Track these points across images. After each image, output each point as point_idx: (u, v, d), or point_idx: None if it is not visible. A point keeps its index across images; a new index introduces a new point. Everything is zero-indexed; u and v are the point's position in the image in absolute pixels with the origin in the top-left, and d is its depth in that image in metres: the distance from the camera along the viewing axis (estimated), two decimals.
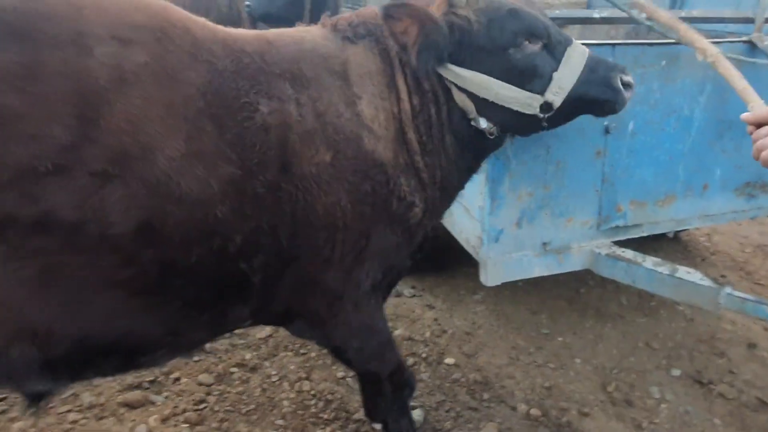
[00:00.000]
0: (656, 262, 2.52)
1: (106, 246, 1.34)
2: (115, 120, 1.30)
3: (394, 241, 1.81)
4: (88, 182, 1.28)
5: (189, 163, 1.39)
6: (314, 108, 1.58)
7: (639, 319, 3.35)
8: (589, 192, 2.53)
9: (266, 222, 1.54)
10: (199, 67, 1.45)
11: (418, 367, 2.89)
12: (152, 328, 1.56)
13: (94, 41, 1.31)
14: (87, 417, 2.47)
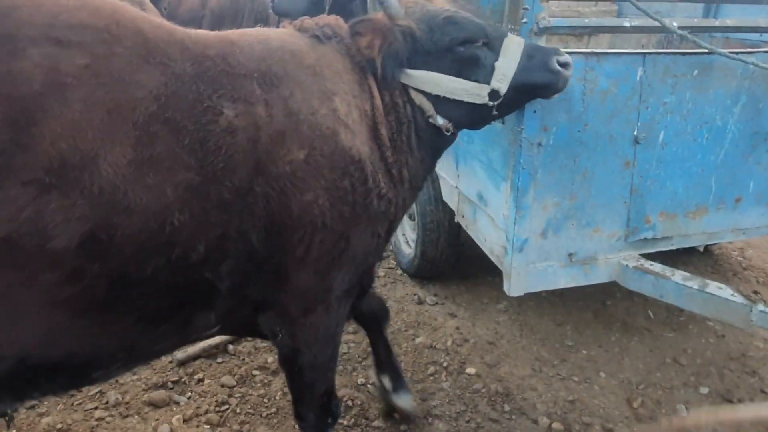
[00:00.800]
0: (686, 276, 2.46)
1: (45, 261, 1.26)
2: (50, 126, 1.22)
3: (374, 242, 1.81)
4: (20, 192, 1.20)
5: (138, 170, 1.32)
6: (285, 106, 1.56)
7: (667, 334, 3.27)
8: (617, 203, 2.49)
9: (235, 228, 1.49)
10: (151, 69, 1.38)
11: (438, 376, 2.87)
12: (103, 344, 1.48)
13: (27, 42, 1.23)
14: (112, 415, 2.52)
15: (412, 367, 2.93)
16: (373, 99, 1.77)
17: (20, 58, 1.21)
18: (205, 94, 1.44)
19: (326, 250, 1.67)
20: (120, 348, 1.53)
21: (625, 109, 2.35)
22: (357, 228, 1.71)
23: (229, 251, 1.51)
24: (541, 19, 2.15)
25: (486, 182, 2.66)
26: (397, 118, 1.82)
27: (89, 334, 1.43)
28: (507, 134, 2.39)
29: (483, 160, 2.67)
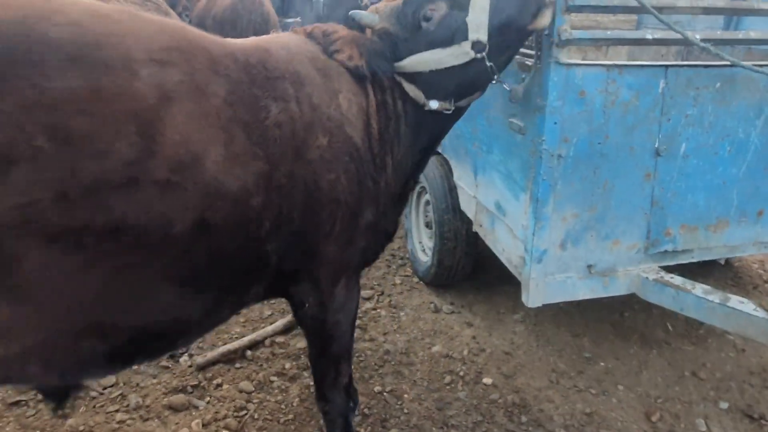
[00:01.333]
0: (706, 289, 2.44)
1: (166, 244, 1.47)
2: (168, 134, 1.42)
3: (371, 221, 2.02)
4: (153, 191, 1.40)
5: (228, 164, 1.55)
6: (310, 102, 1.79)
7: (686, 347, 3.24)
8: (638, 215, 2.48)
9: (285, 207, 1.73)
10: (220, 80, 1.59)
11: (455, 386, 2.87)
12: (194, 311, 1.70)
13: (138, 65, 1.40)
14: (133, 418, 2.56)
15: (428, 375, 2.93)
16: (368, 98, 1.98)
17: (136, 79, 1.38)
18: (259, 96, 1.67)
19: (345, 225, 1.90)
20: (203, 314, 1.74)
21: (647, 120, 2.35)
22: (361, 205, 1.95)
23: (281, 228, 1.74)
24: (563, 31, 2.16)
25: (505, 192, 2.67)
26: (386, 114, 2.02)
27: (187, 303, 1.65)
28: (527, 145, 2.40)
29: (502, 171, 2.68)
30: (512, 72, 2.50)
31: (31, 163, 1.23)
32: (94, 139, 1.31)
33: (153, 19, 1.56)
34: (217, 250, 1.59)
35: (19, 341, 1.39)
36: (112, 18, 1.43)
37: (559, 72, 2.20)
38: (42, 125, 1.24)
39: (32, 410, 2.58)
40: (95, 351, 1.53)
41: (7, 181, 1.22)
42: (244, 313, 3.42)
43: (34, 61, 1.25)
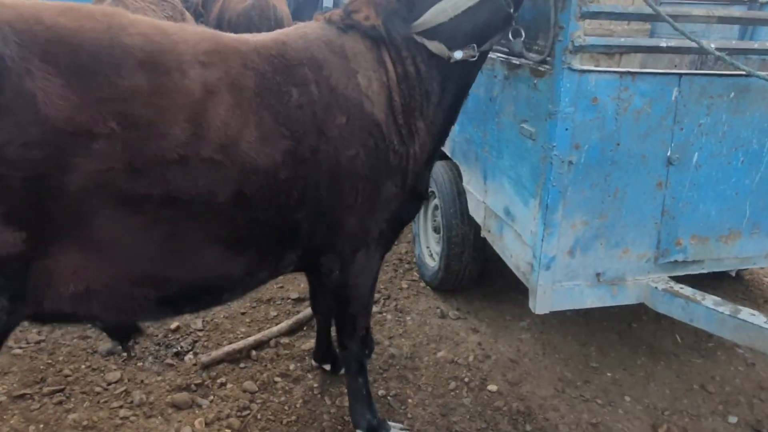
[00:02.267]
0: (717, 301, 2.40)
1: (211, 212, 1.76)
2: (212, 121, 1.71)
3: (394, 191, 2.18)
4: (201, 167, 1.70)
5: (260, 144, 1.81)
6: (328, 84, 1.98)
7: (694, 360, 3.20)
8: (648, 224, 2.46)
9: (311, 179, 1.95)
10: (250, 74, 1.85)
11: (459, 392, 2.85)
12: (236, 270, 1.97)
13: (187, 66, 1.70)
14: (137, 414, 2.56)
15: (433, 381, 2.92)
16: (388, 72, 2.10)
17: (187, 78, 1.68)
18: (281, 83, 1.89)
19: (366, 197, 2.08)
20: (245, 273, 2.00)
21: (659, 129, 2.33)
22: (381, 177, 2.11)
23: (308, 199, 1.96)
24: (576, 38, 2.15)
25: (514, 198, 2.65)
26: (408, 85, 2.13)
27: (229, 262, 1.92)
28: (537, 151, 2.39)
29: (512, 176, 2.67)
30: (524, 78, 2.49)
31: (107, 139, 1.54)
32: (155, 125, 1.61)
33: (196, 30, 1.87)
34: (253, 218, 1.86)
35: (84, 282, 1.67)
36: (167, 30, 1.74)
37: (572, 78, 2.18)
38: (115, 112, 1.55)
39: (37, 404, 2.59)
40: (148, 298, 1.81)
41: (90, 152, 1.52)
42: (250, 313, 3.43)
43: (113, 63, 1.56)
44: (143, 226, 1.68)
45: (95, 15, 1.62)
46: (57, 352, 2.95)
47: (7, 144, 1.41)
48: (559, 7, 2.17)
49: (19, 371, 2.79)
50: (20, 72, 1.42)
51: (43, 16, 1.52)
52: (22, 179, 1.45)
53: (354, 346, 2.42)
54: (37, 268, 1.57)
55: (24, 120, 1.43)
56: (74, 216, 1.56)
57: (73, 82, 1.50)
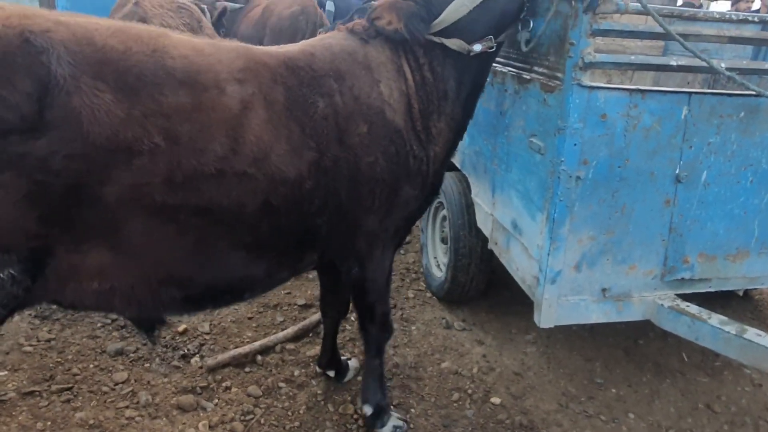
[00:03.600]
0: (723, 320, 2.39)
1: (238, 221, 1.85)
2: (247, 136, 1.80)
3: (413, 193, 2.28)
4: (235, 180, 1.79)
5: (289, 156, 1.89)
6: (352, 94, 2.06)
7: (700, 379, 3.18)
8: (655, 241, 2.46)
9: (333, 186, 2.03)
10: (279, 88, 1.93)
11: (463, 403, 2.85)
12: (258, 272, 2.07)
13: (225, 83, 1.79)
14: (142, 415, 2.59)
15: (436, 392, 2.92)
16: (407, 81, 2.20)
17: (224, 94, 1.78)
18: (308, 94, 1.97)
19: (384, 200, 2.17)
20: (265, 275, 2.11)
21: (668, 147, 2.34)
22: (400, 181, 2.20)
23: (329, 204, 2.05)
24: (586, 55, 2.17)
25: (521, 211, 2.67)
26: (426, 91, 2.24)
27: (251, 265, 2.02)
28: (545, 165, 2.40)
29: (520, 190, 2.69)
30: (534, 92, 2.51)
31: (150, 154, 1.63)
32: (195, 140, 1.71)
33: (231, 47, 1.95)
34: (277, 225, 1.95)
35: (110, 281, 1.76)
36: (205, 51, 1.84)
37: (581, 94, 2.21)
38: (160, 128, 1.64)
39: (45, 401, 2.63)
40: (173, 297, 1.91)
41: (131, 166, 1.61)
42: (256, 318, 3.45)
43: (157, 83, 1.66)
44: (173, 234, 1.77)
45: (143, 37, 1.72)
46: (66, 351, 2.99)
47: (52, 155, 1.51)
48: (571, 24, 2.20)
49: (29, 368, 2.84)
50: (70, 90, 1.52)
51: (95, 38, 1.62)
52: (62, 187, 1.55)
53: (374, 330, 2.52)
54: (65, 261, 1.67)
55: (69, 134, 1.52)
56: (108, 222, 1.65)
57: (121, 100, 1.59)
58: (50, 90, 1.49)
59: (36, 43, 1.51)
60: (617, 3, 2.16)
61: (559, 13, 2.28)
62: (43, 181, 1.52)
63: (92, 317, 3.28)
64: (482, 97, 3.09)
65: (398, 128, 2.16)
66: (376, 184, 2.12)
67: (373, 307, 2.48)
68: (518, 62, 2.68)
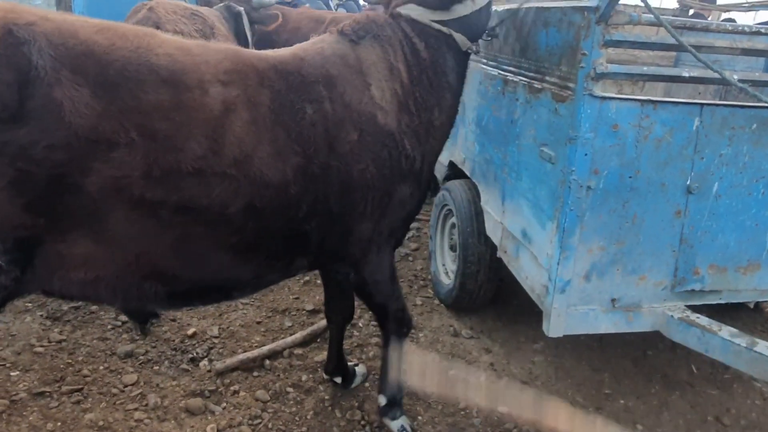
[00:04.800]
0: (734, 332, 2.38)
1: (222, 220, 1.86)
2: (228, 137, 1.81)
3: (408, 192, 2.29)
4: (214, 180, 1.79)
5: (273, 160, 1.89)
6: (342, 101, 2.06)
7: (710, 391, 3.15)
8: (666, 252, 2.45)
9: (321, 193, 2.03)
10: (265, 91, 1.93)
11: (470, 411, 2.85)
12: (245, 273, 2.09)
13: (209, 84, 1.80)
14: (150, 417, 2.61)
15: (443, 400, 2.92)
16: (401, 79, 2.21)
17: (207, 95, 1.78)
18: (296, 100, 1.97)
19: (377, 205, 2.17)
20: (253, 276, 2.13)
21: (680, 158, 2.34)
22: (393, 185, 2.20)
23: (318, 210, 2.05)
24: (598, 65, 2.18)
25: (531, 220, 2.67)
26: (425, 86, 2.26)
27: (238, 266, 2.03)
28: (557, 174, 2.41)
29: (530, 198, 2.69)
30: (546, 102, 2.52)
31: (127, 148, 1.65)
32: (173, 138, 1.72)
33: (219, 49, 1.96)
34: (263, 228, 1.95)
35: (95, 270, 1.79)
36: (192, 51, 1.85)
37: (593, 104, 2.21)
38: (136, 124, 1.66)
39: (55, 402, 2.65)
40: (157, 291, 1.91)
41: (109, 158, 1.64)
42: (265, 322, 3.47)
43: (139, 79, 1.68)
44: (155, 229, 1.79)
45: (128, 35, 1.74)
46: (77, 352, 3.02)
47: (33, 144, 1.54)
48: (583, 34, 2.21)
49: (40, 369, 2.86)
50: (51, 81, 1.55)
51: (79, 32, 1.65)
52: (45, 176, 1.58)
53: (390, 325, 2.54)
54: (52, 251, 1.70)
55: (50, 124, 1.55)
56: (91, 212, 1.68)
57: (100, 94, 1.62)
58: (31, 81, 1.53)
59: (18, 34, 1.54)
60: (630, 14, 2.17)
61: (572, 23, 2.30)
62: (26, 169, 1.55)
63: (102, 319, 3.32)
64: (493, 105, 3.11)
65: (390, 131, 2.16)
66: (369, 190, 2.13)
67: (385, 306, 2.49)
68: (529, 71, 2.69)
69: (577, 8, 2.26)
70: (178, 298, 2.05)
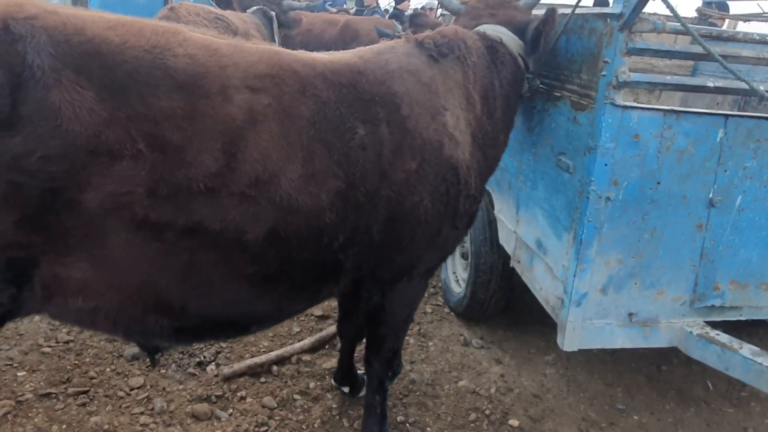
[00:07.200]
0: (755, 351, 2.31)
1: (238, 248, 1.63)
2: (249, 152, 1.59)
3: (456, 234, 2.15)
4: (230, 201, 1.57)
5: (305, 182, 1.68)
6: (403, 126, 1.86)
7: (726, 409, 3.07)
8: (686, 266, 2.39)
9: (363, 223, 1.83)
10: (307, 101, 1.71)
11: (480, 424, 2.79)
12: (264, 306, 1.86)
13: (234, 91, 1.59)
14: (156, 422, 2.57)
15: (453, 410, 2.86)
16: (476, 111, 2.08)
17: (229, 103, 1.57)
18: (345, 116, 1.77)
19: (424, 240, 2.00)
20: (274, 309, 1.92)
21: (702, 170, 2.28)
22: (446, 223, 2.04)
23: (356, 240, 1.85)
24: (621, 73, 2.13)
25: (547, 230, 2.61)
26: (492, 123, 2.18)
27: (256, 299, 1.81)
28: (574, 185, 2.36)
29: (546, 208, 2.64)
30: (565, 110, 2.47)
31: (132, 161, 1.45)
32: (184, 151, 1.51)
33: (255, 50, 1.73)
34: (288, 258, 1.73)
35: (93, 299, 1.58)
36: (220, 52, 1.64)
37: (614, 114, 2.16)
38: (144, 133, 1.46)
39: (61, 404, 2.63)
40: (162, 325, 1.70)
41: (111, 172, 1.44)
42: (273, 327, 3.43)
43: (151, 83, 1.48)
44: (160, 254, 1.57)
45: (145, 32, 1.54)
46: (84, 354, 2.99)
47: (27, 154, 1.36)
48: (605, 42, 2.16)
49: (47, 370, 2.84)
50: (48, 83, 1.37)
51: (87, 28, 1.46)
52: (39, 189, 1.40)
53: (377, 365, 2.39)
54: (49, 273, 1.52)
55: (45, 133, 1.37)
56: (90, 233, 1.49)
57: (106, 98, 1.43)
58: (24, 82, 1.34)
59: (14, 30, 1.36)
60: (654, 22, 2.12)
61: (594, 30, 2.25)
62: (18, 182, 1.37)
63: None
64: None
65: (454, 165, 1.97)
66: (418, 225, 1.93)
67: (383, 339, 2.33)
68: (548, 79, 2.64)
69: (600, 15, 2.22)
70: (187, 334, 1.83)
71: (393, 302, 2.20)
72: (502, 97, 2.24)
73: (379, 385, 2.44)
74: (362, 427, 2.51)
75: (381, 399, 2.46)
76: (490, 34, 2.31)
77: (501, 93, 2.24)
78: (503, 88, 2.27)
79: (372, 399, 2.45)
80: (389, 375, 2.45)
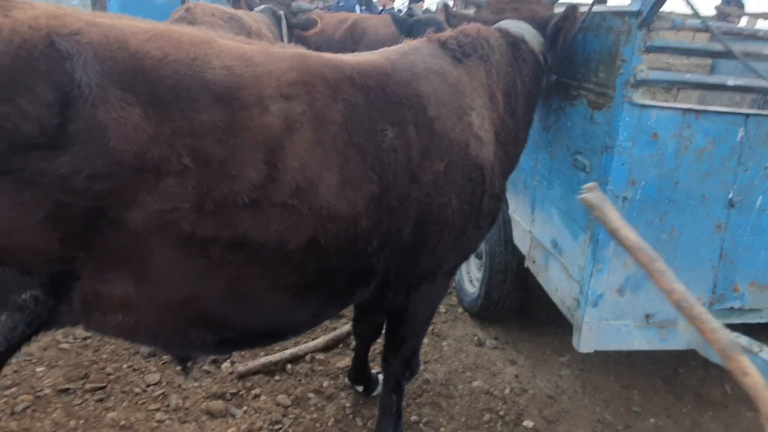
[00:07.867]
0: None
1: (280, 258, 1.63)
2: (289, 162, 1.58)
3: (479, 234, 2.15)
4: (272, 213, 1.57)
5: (342, 188, 1.68)
6: (430, 128, 1.87)
7: (745, 413, 3.03)
8: (704, 267, 2.36)
9: (396, 226, 1.84)
10: (338, 106, 1.70)
11: (494, 425, 2.78)
12: (303, 314, 1.88)
13: (270, 101, 1.58)
14: (172, 418, 2.59)
15: (467, 411, 2.85)
16: (499, 109, 2.09)
17: (267, 113, 1.57)
18: (375, 119, 1.77)
19: (450, 241, 2.00)
20: (311, 316, 1.93)
21: (722, 170, 2.25)
22: (470, 222, 2.04)
23: (389, 244, 1.85)
24: (639, 71, 2.11)
25: (563, 230, 2.59)
26: (514, 122, 2.18)
27: (296, 308, 1.82)
28: None
29: (562, 208, 2.62)
30: (581, 109, 2.45)
31: (178, 177, 1.44)
32: (228, 164, 1.50)
33: (284, 57, 1.71)
34: (325, 265, 1.73)
35: (134, 315, 1.58)
36: (254, 61, 1.63)
37: (632, 112, 2.14)
38: (189, 148, 1.45)
39: (79, 399, 2.66)
40: (203, 338, 1.71)
41: (157, 189, 1.42)
42: None
43: (191, 97, 1.47)
44: (205, 270, 1.57)
45: (184, 44, 1.53)
46: (101, 350, 3.03)
47: (74, 174, 1.34)
48: (623, 39, 2.14)
49: (65, 365, 2.88)
50: (96, 101, 1.35)
51: (130, 42, 1.45)
52: (85, 208, 1.39)
53: (395, 364, 2.39)
54: (89, 289, 1.51)
55: (92, 152, 1.35)
56: (133, 250, 1.48)
57: (151, 114, 1.42)
58: (73, 101, 1.33)
59: (61, 47, 1.34)
60: (673, 19, 2.09)
61: (611, 28, 2.22)
62: (64, 201, 1.35)
63: None
64: None
65: (480, 165, 1.98)
66: (446, 226, 1.94)
67: (404, 339, 2.34)
68: (564, 77, 2.62)
69: (618, 12, 2.19)
70: (227, 345, 1.87)
71: (416, 303, 2.20)
72: (523, 95, 2.25)
73: (396, 385, 2.44)
74: (377, 427, 2.51)
75: (397, 399, 2.46)
76: (512, 31, 2.30)
77: (523, 91, 2.25)
78: (525, 86, 2.27)
79: (388, 398, 2.45)
80: (407, 375, 2.45)
